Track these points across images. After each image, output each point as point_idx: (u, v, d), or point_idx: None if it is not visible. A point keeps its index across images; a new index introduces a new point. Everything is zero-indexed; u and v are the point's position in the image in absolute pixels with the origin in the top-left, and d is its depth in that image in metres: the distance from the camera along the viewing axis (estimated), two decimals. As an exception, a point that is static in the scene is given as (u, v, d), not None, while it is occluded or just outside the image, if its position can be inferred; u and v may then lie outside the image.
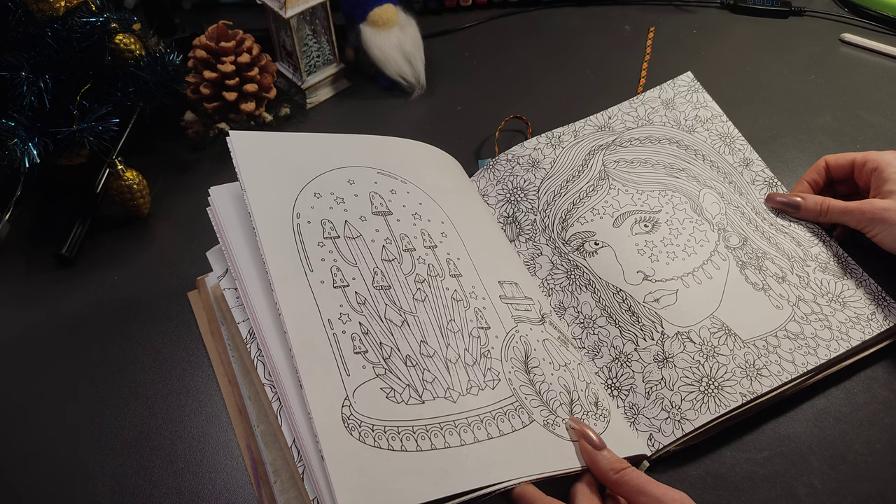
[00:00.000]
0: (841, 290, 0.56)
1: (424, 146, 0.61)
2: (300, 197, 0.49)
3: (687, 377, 0.51)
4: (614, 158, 0.63)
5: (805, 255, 0.58)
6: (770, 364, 0.52)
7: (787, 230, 0.60)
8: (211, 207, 0.49)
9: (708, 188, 0.61)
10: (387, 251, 0.50)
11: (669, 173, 0.62)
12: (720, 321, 0.53)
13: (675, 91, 0.68)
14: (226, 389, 0.55)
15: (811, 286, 0.56)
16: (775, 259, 0.57)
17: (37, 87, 0.61)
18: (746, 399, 0.50)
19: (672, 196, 0.61)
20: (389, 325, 0.46)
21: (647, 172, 0.62)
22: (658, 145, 0.64)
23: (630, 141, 0.65)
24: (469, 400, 0.44)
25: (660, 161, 0.63)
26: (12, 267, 0.65)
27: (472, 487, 0.39)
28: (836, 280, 0.57)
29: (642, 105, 0.67)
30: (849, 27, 0.86)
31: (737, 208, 0.60)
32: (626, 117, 0.66)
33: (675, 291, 0.55)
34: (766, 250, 0.58)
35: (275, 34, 0.77)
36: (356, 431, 0.39)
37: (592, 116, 0.67)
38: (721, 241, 0.58)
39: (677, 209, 0.60)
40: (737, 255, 0.57)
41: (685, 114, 0.66)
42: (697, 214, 0.59)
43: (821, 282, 0.56)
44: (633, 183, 0.62)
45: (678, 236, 0.58)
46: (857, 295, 0.56)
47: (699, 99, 0.67)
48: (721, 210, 0.60)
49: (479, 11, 0.92)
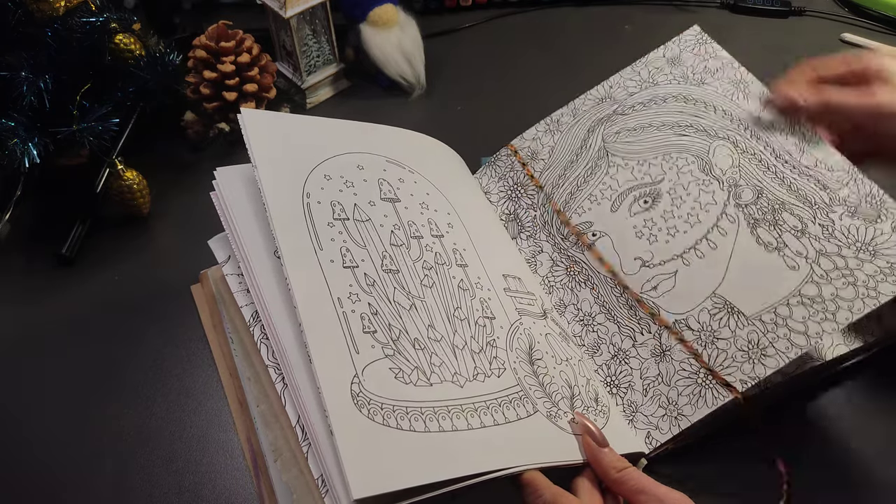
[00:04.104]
0: (872, 236, 0.50)
1: (430, 140, 0.62)
2: (310, 177, 0.49)
3: (684, 370, 0.51)
4: (615, 130, 0.61)
5: (831, 200, 0.52)
6: (777, 341, 0.49)
7: (811, 172, 0.54)
8: (216, 189, 0.49)
9: (720, 139, 0.57)
10: (395, 236, 0.50)
11: (676, 132, 0.59)
12: (722, 298, 0.51)
13: (682, 47, 0.64)
14: (227, 382, 0.54)
15: (836, 236, 0.50)
16: (794, 209, 0.52)
17: (37, 87, 0.61)
18: (747, 385, 0.48)
19: (677, 159, 0.58)
20: (398, 307, 0.46)
21: (650, 138, 0.60)
22: (663, 105, 0.61)
23: (633, 107, 0.62)
24: (475, 386, 0.45)
25: (664, 122, 0.60)
26: (12, 267, 0.65)
27: (476, 471, 0.39)
28: (866, 225, 0.50)
29: (645, 67, 0.64)
30: (849, 27, 0.86)
31: (753, 156, 0.56)
32: (628, 83, 0.64)
33: (673, 273, 0.54)
34: (785, 200, 0.53)
35: (275, 34, 0.77)
36: (365, 409, 0.39)
37: (592, 89, 0.65)
38: (731, 199, 0.54)
39: (681, 173, 0.57)
40: (748, 212, 0.53)
41: (693, 67, 0.62)
42: (705, 174, 0.56)
43: (848, 229, 0.50)
44: (635, 153, 0.60)
45: (681, 205, 0.56)
46: (893, 240, 0.49)
47: (708, 50, 0.63)
48: (734, 163, 0.56)
49: (479, 11, 0.92)
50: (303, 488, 0.41)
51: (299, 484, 0.42)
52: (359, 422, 0.39)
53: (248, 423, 0.49)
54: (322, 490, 0.38)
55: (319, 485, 0.38)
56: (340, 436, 0.38)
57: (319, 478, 0.38)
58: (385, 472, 0.37)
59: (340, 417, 0.38)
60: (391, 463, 0.38)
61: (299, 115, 0.55)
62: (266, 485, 0.47)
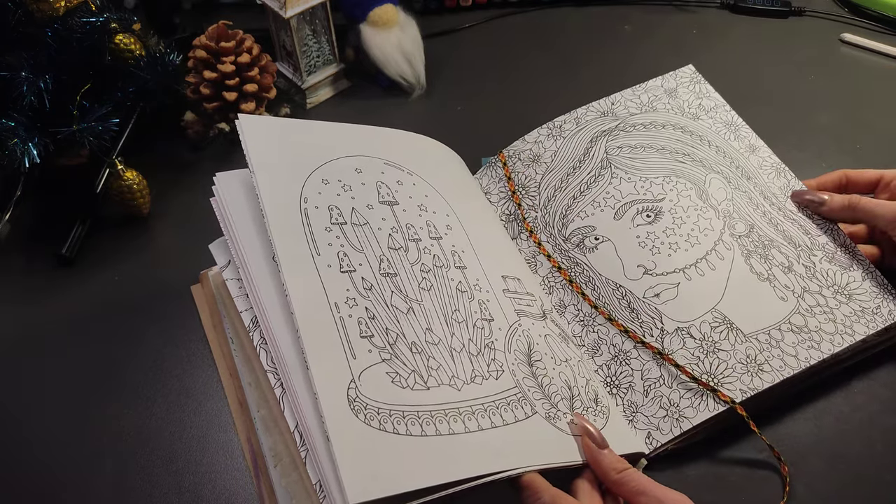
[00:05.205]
0: (847, 281, 0.55)
1: (430, 141, 0.62)
2: (308, 182, 0.50)
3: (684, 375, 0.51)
4: (617, 144, 0.63)
5: (812, 244, 0.56)
6: (772, 359, 0.51)
7: (795, 217, 0.58)
8: (215, 194, 0.49)
9: (714, 173, 0.60)
10: (393, 240, 0.50)
11: (675, 158, 0.61)
12: (722, 315, 0.53)
13: (678, 82, 0.67)
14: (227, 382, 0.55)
15: (817, 277, 0.55)
16: (782, 247, 0.56)
17: (37, 87, 0.61)
18: (746, 396, 0.50)
19: (676, 182, 0.60)
20: (395, 311, 0.46)
21: (651, 158, 0.61)
22: (662, 130, 0.63)
23: (634, 126, 0.64)
24: (473, 389, 0.45)
25: (664, 146, 0.62)
26: (12, 267, 0.65)
27: (474, 474, 0.39)
28: (842, 271, 0.55)
29: (645, 93, 0.66)
30: (849, 27, 0.86)
31: (744, 193, 0.59)
32: (629, 103, 0.66)
33: (676, 285, 0.55)
34: (773, 238, 0.57)
35: (275, 34, 0.77)
36: (362, 414, 0.40)
37: (595, 102, 0.66)
38: (726, 228, 0.57)
39: (682, 196, 0.59)
40: (742, 243, 0.56)
41: (688, 102, 0.66)
42: (702, 201, 0.58)
43: (827, 272, 0.55)
44: (637, 170, 0.61)
45: (681, 225, 0.57)
46: (863, 287, 0.55)
47: (702, 90, 0.67)
48: (727, 196, 0.59)
49: (479, 11, 0.92)
50: (302, 493, 0.42)
51: (298, 489, 0.42)
52: (355, 427, 0.39)
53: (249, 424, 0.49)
54: (320, 495, 0.38)
55: (317, 490, 0.38)
56: (337, 441, 0.38)
57: (317, 483, 0.39)
58: (382, 476, 0.37)
59: (337, 423, 0.38)
60: (388, 467, 0.38)
61: (297, 120, 0.55)
62: (266, 485, 0.47)
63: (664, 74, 0.68)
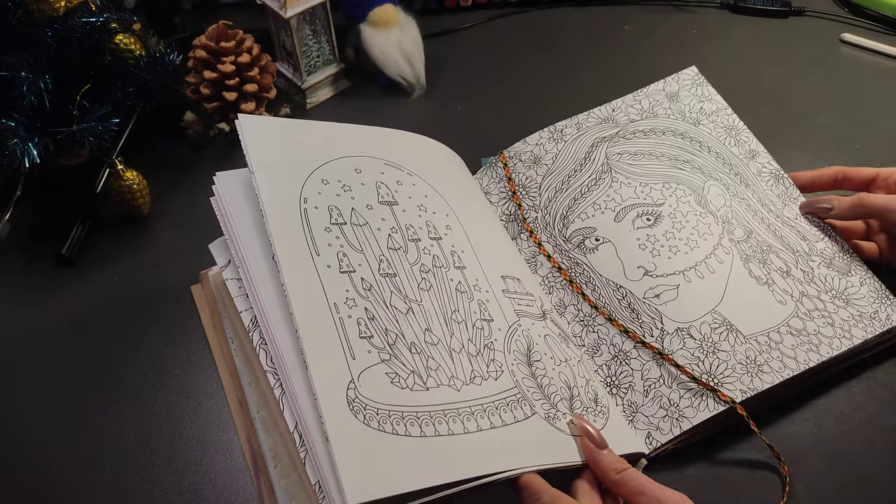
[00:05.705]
0: (845, 286, 0.55)
1: (430, 141, 0.62)
2: (308, 182, 0.50)
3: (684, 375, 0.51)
4: (617, 150, 0.63)
5: (810, 250, 0.57)
6: (771, 360, 0.51)
7: (792, 223, 0.59)
8: (215, 193, 0.49)
9: (713, 180, 0.61)
10: (392, 240, 0.50)
11: (674, 165, 0.62)
12: (721, 316, 0.53)
13: (680, 84, 0.68)
14: (227, 381, 0.55)
15: (815, 282, 0.55)
16: (780, 253, 0.57)
17: (37, 87, 0.61)
18: (746, 396, 0.50)
19: (676, 188, 0.60)
20: (395, 311, 0.46)
21: (650, 164, 0.62)
22: (662, 137, 0.64)
23: (634, 133, 0.64)
24: (472, 389, 0.45)
25: (664, 153, 0.63)
26: (12, 267, 0.65)
27: (474, 475, 0.39)
28: (840, 276, 0.56)
29: (646, 98, 0.67)
30: (849, 27, 0.86)
31: (742, 200, 0.60)
32: (629, 110, 0.66)
33: (676, 286, 0.55)
34: (772, 243, 0.57)
35: (275, 34, 0.77)
36: (361, 414, 0.40)
37: (596, 109, 0.67)
38: (725, 233, 0.57)
39: (681, 201, 0.59)
40: (741, 248, 0.57)
41: (689, 106, 0.66)
42: (701, 207, 0.59)
43: (825, 277, 0.56)
44: (637, 175, 0.61)
45: (681, 229, 0.58)
46: (861, 293, 0.55)
47: (704, 92, 0.67)
48: (726, 202, 0.59)
49: (479, 11, 0.92)
50: (301, 494, 0.42)
51: (298, 490, 0.42)
52: (354, 427, 0.39)
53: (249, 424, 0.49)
54: (319, 496, 0.38)
55: (317, 490, 0.38)
56: (336, 442, 0.38)
57: (317, 483, 0.39)
58: (381, 477, 0.37)
59: (336, 423, 0.38)
60: (387, 468, 0.38)
61: (297, 120, 0.55)
62: (266, 485, 0.47)
63: (666, 77, 0.68)
